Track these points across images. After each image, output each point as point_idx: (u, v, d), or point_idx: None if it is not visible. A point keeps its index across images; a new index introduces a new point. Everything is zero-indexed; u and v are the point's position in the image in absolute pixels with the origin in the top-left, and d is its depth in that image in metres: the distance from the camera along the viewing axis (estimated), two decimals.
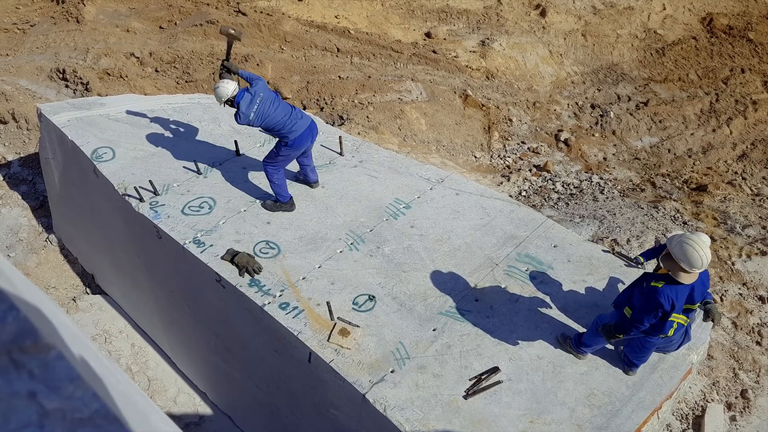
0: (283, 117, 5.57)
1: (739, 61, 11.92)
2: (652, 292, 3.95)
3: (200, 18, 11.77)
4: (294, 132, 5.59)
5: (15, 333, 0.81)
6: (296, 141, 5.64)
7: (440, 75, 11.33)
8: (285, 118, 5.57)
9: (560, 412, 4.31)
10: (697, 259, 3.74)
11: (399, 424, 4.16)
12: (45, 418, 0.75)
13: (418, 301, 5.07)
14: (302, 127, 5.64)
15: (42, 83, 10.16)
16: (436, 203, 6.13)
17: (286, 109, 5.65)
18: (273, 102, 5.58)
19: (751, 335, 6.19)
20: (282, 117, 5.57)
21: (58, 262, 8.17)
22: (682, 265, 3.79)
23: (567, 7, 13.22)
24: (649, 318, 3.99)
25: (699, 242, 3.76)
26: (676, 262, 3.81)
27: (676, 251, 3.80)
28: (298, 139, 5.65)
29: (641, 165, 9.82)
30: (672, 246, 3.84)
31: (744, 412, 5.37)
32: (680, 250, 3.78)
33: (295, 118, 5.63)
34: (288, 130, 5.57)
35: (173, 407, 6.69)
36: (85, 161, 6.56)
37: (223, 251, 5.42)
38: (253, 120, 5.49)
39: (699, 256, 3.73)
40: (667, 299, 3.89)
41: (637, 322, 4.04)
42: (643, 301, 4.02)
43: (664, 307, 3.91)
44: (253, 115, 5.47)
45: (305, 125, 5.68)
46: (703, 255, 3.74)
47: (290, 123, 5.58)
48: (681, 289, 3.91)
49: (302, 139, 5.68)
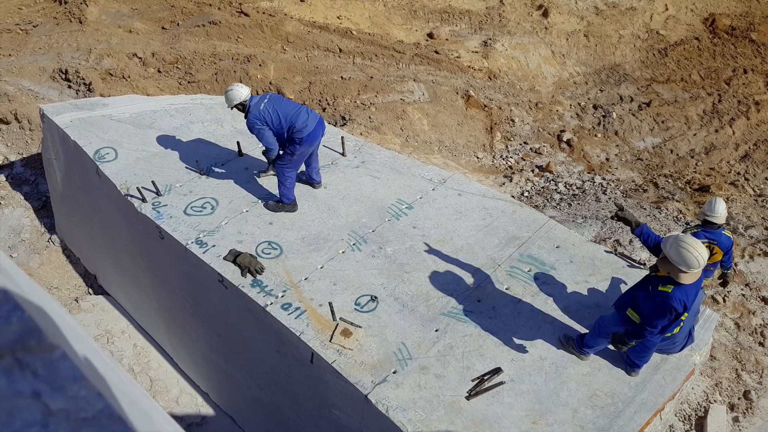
0: (294, 110, 5.60)
1: (742, 62, 11.90)
2: (662, 297, 3.96)
3: (203, 19, 11.79)
4: (307, 127, 5.61)
5: (19, 333, 0.81)
6: (309, 137, 5.64)
7: (442, 75, 11.33)
8: (296, 112, 5.60)
9: (563, 413, 4.30)
10: (694, 260, 3.78)
11: (401, 424, 4.16)
12: (49, 418, 0.75)
13: (420, 302, 5.06)
14: (313, 122, 5.67)
15: (44, 84, 10.19)
16: (438, 204, 6.12)
17: (296, 105, 5.70)
18: (281, 100, 5.66)
19: (753, 336, 6.18)
20: (293, 110, 5.60)
21: (61, 262, 8.18)
22: (680, 268, 3.83)
23: (569, 8, 13.21)
24: (662, 322, 4.02)
25: (693, 243, 3.81)
26: (675, 265, 3.84)
27: (673, 255, 3.84)
28: (312, 135, 5.66)
29: (644, 166, 9.81)
30: (667, 250, 3.87)
31: (747, 413, 5.36)
32: (676, 254, 3.82)
33: (305, 114, 5.66)
34: (301, 125, 5.58)
35: (175, 408, 6.69)
36: (87, 162, 6.58)
37: (226, 252, 5.43)
38: (264, 114, 5.51)
39: (695, 257, 3.78)
40: (679, 302, 3.92)
41: (651, 327, 4.06)
42: (653, 306, 4.02)
43: (677, 311, 3.95)
44: (263, 108, 5.51)
45: (315, 120, 5.71)
46: (699, 255, 3.78)
47: (302, 118, 5.60)
48: (690, 289, 3.93)
49: (315, 134, 5.70)
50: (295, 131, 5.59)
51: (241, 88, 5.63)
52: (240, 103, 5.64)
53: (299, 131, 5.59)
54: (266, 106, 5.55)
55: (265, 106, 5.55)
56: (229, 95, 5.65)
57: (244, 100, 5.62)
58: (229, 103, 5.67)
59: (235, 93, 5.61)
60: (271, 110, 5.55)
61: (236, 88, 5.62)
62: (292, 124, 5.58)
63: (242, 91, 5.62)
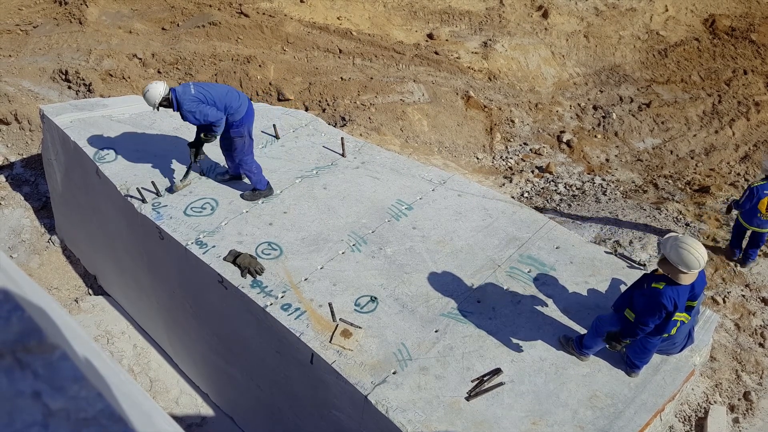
0: (224, 90, 5.49)
1: (742, 63, 11.91)
2: (653, 294, 3.98)
3: (202, 20, 11.79)
4: (242, 105, 5.56)
5: (20, 333, 0.81)
6: (248, 114, 5.64)
7: (442, 76, 11.34)
8: (226, 92, 5.49)
9: (563, 413, 4.30)
10: (694, 260, 3.81)
11: (401, 425, 4.16)
12: (49, 418, 0.75)
13: (420, 303, 5.06)
14: (245, 100, 5.63)
15: (44, 84, 10.19)
16: (438, 204, 6.12)
17: (222, 86, 5.59)
18: (206, 84, 5.53)
19: (753, 337, 6.18)
20: (223, 90, 5.48)
21: (61, 263, 8.18)
22: (680, 269, 3.85)
23: (569, 9, 13.21)
24: (653, 319, 4.03)
25: (693, 244, 3.84)
26: (674, 266, 3.85)
27: (673, 256, 3.86)
28: (249, 112, 5.65)
29: (644, 166, 9.81)
30: (667, 251, 3.90)
31: (747, 414, 5.36)
32: (676, 255, 3.84)
33: (235, 93, 5.58)
34: (237, 104, 5.52)
35: (175, 408, 6.69)
36: (87, 162, 6.58)
37: (226, 252, 5.43)
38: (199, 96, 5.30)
39: (695, 257, 3.81)
40: (669, 300, 3.94)
41: (642, 325, 4.07)
42: (645, 303, 4.04)
43: (667, 308, 3.96)
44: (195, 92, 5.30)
45: (246, 99, 5.67)
46: (699, 256, 3.82)
47: (233, 97, 5.51)
48: (682, 289, 3.96)
49: (251, 112, 5.69)
50: (233, 111, 5.51)
51: (157, 84, 5.36)
52: (164, 99, 5.37)
53: (238, 110, 5.52)
54: (197, 90, 5.35)
55: (196, 90, 5.35)
56: (149, 95, 5.35)
57: (166, 94, 5.36)
58: (153, 102, 5.36)
59: (154, 90, 5.32)
60: (204, 92, 5.36)
61: (152, 86, 5.35)
62: (228, 104, 5.46)
63: (158, 86, 5.34)
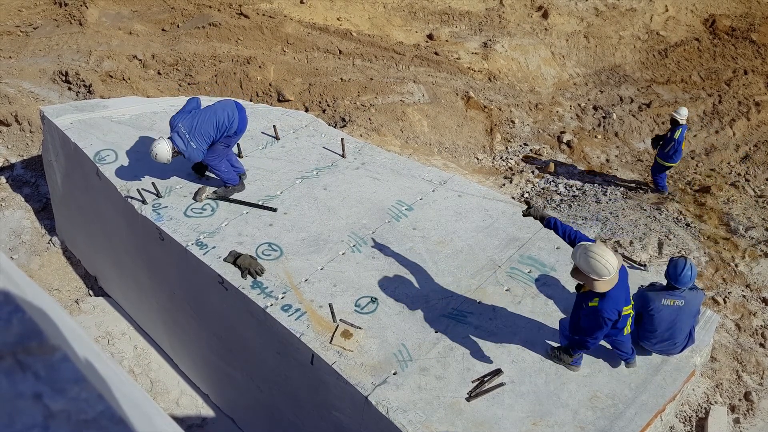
0: (217, 117, 5.54)
1: (742, 63, 11.91)
2: (594, 312, 3.99)
3: (202, 20, 11.80)
4: (234, 121, 5.64)
5: (20, 334, 0.81)
6: (239, 128, 5.75)
7: (442, 77, 11.34)
8: (221, 117, 5.54)
9: (563, 414, 4.30)
10: (603, 268, 3.77)
11: (401, 426, 4.16)
12: (50, 420, 0.75)
13: (420, 303, 5.06)
14: (233, 112, 5.65)
15: (45, 86, 10.20)
16: (438, 205, 6.12)
17: (209, 111, 5.58)
18: (198, 118, 5.51)
19: (754, 337, 6.18)
20: (218, 118, 5.54)
21: (61, 264, 8.18)
22: (592, 276, 3.82)
23: (569, 9, 13.22)
24: (602, 332, 4.07)
25: (601, 251, 3.79)
26: (586, 275, 3.84)
27: (583, 265, 3.83)
28: (241, 123, 5.74)
29: (644, 167, 9.82)
30: (577, 260, 3.87)
31: (747, 415, 5.36)
32: (586, 264, 3.81)
33: (222, 112, 5.59)
34: (230, 123, 5.60)
35: (176, 409, 6.69)
36: (87, 163, 6.58)
37: (226, 253, 5.43)
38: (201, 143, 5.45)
39: (603, 264, 3.76)
40: (611, 311, 3.95)
41: (591, 339, 4.12)
42: (590, 322, 4.06)
43: (611, 319, 3.98)
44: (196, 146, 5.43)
45: (234, 108, 5.69)
46: (607, 263, 3.76)
47: (223, 118, 5.55)
48: (613, 296, 3.94)
49: (242, 126, 5.76)
50: (228, 131, 5.65)
51: (161, 142, 5.40)
52: (174, 152, 5.49)
53: (230, 128, 5.64)
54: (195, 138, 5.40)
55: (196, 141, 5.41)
56: (159, 155, 5.40)
57: (174, 149, 5.46)
58: (165, 159, 5.46)
59: (162, 150, 5.38)
60: (204, 134, 5.46)
61: (158, 146, 5.39)
62: (225, 129, 5.60)
63: (164, 144, 5.39)
